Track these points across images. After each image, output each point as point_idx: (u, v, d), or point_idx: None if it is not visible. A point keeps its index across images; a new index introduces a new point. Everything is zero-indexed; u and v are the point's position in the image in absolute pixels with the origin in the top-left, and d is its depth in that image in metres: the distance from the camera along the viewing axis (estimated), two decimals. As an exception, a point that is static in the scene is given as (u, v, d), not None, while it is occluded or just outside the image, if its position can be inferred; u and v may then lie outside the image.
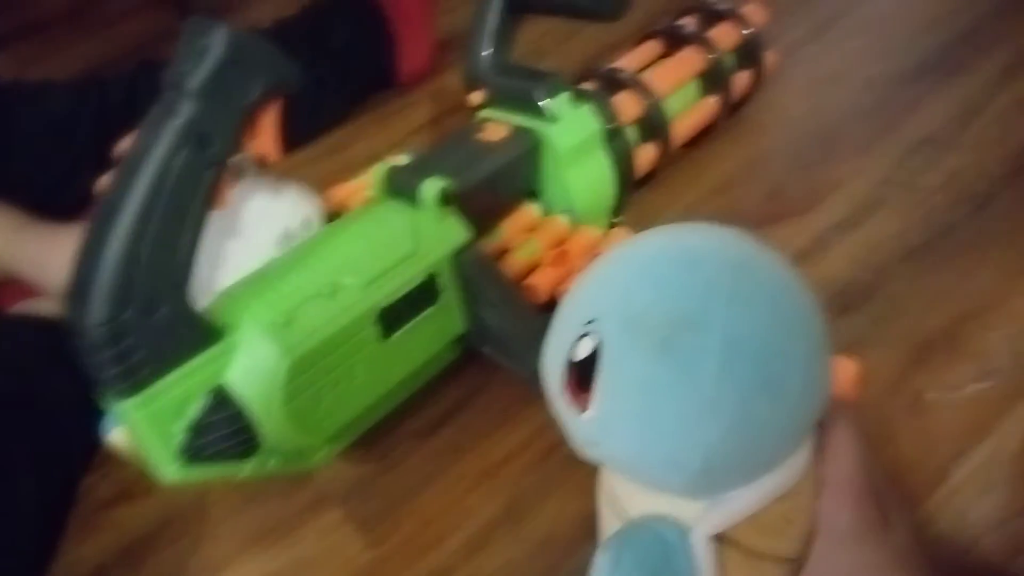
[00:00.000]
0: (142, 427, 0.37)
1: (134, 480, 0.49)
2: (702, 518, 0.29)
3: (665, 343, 0.26)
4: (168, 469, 0.38)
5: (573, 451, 0.30)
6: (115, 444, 0.44)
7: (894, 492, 0.31)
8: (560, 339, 0.30)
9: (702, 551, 0.29)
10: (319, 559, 0.45)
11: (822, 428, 0.31)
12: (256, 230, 0.49)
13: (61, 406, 0.49)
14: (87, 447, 0.50)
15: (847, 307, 0.54)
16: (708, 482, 0.28)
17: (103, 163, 0.49)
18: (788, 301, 0.28)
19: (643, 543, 0.29)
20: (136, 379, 0.36)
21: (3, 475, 0.45)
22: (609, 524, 0.34)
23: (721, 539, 0.29)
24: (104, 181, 0.49)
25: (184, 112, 0.36)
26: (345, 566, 0.45)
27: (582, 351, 0.28)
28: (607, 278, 0.30)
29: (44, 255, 0.54)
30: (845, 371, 0.40)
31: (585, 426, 0.29)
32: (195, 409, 0.38)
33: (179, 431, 0.38)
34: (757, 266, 0.28)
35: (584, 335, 0.28)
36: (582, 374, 0.28)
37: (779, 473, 0.29)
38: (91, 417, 0.45)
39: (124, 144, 0.49)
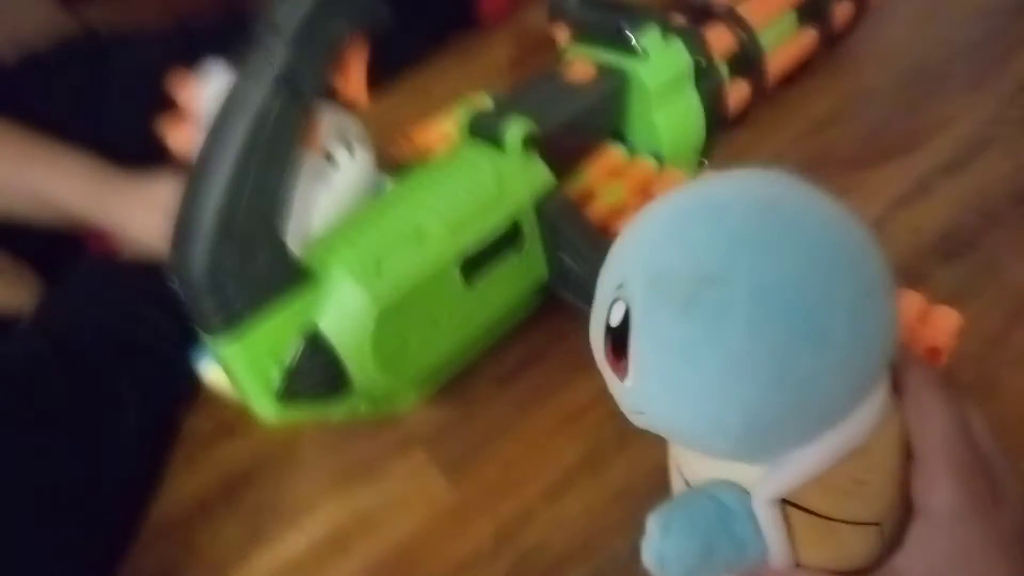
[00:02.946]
0: (241, 369, 0.39)
1: (233, 419, 0.51)
2: (762, 481, 0.27)
3: (689, 302, 0.25)
4: (266, 409, 0.40)
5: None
6: (209, 378, 0.46)
7: (1007, 462, 0.28)
8: (598, 305, 0.28)
9: (764, 516, 0.27)
10: (405, 498, 0.47)
11: (900, 386, 0.28)
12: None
13: (164, 347, 0.51)
14: (188, 386, 0.52)
15: (950, 254, 0.51)
16: (757, 443, 0.26)
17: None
18: (828, 241, 0.25)
19: (695, 509, 0.28)
20: (236, 323, 0.37)
21: (110, 411, 0.48)
22: (677, 489, 0.33)
23: (788, 503, 0.27)
24: (171, 126, 0.49)
25: (281, 56, 0.36)
26: (430, 505, 0.46)
27: (615, 317, 0.27)
28: (635, 239, 0.28)
29: (122, 211, 0.55)
30: (946, 321, 0.38)
31: (627, 395, 0.27)
32: (291, 352, 0.39)
33: (275, 373, 0.39)
34: (790, 208, 0.26)
35: (616, 300, 0.27)
36: (617, 340, 0.27)
37: (843, 430, 0.26)
38: (192, 358, 0.47)
39: (182, 84, 0.49)
